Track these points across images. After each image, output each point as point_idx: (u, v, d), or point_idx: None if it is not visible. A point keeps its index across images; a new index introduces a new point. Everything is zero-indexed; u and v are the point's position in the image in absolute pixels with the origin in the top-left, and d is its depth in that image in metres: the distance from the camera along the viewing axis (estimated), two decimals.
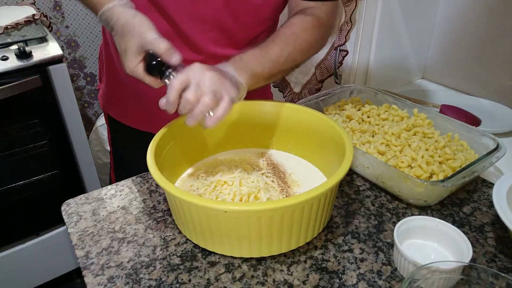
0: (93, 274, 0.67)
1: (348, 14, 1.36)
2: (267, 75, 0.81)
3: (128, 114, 1.06)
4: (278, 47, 0.81)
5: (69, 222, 0.79)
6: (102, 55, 1.08)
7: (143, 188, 0.87)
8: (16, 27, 1.59)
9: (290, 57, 0.83)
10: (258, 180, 0.77)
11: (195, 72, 0.68)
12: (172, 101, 0.67)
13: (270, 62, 0.80)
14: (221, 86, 0.68)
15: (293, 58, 0.84)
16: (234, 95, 0.70)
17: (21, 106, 1.50)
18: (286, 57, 0.82)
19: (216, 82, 0.68)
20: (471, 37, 1.37)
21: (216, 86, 0.68)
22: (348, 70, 1.46)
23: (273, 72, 0.82)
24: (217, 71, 0.70)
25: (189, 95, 0.66)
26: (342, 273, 0.67)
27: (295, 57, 0.84)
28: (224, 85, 0.69)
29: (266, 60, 0.80)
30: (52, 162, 1.67)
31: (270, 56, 0.80)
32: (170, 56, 0.69)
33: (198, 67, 0.69)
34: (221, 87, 0.68)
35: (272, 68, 0.81)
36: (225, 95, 0.68)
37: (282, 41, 0.82)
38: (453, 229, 0.67)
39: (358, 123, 0.97)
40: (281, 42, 0.82)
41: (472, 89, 1.41)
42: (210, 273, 0.67)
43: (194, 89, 0.66)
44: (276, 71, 0.82)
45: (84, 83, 2.24)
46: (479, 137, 0.88)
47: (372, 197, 0.83)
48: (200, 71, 0.68)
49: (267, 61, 0.80)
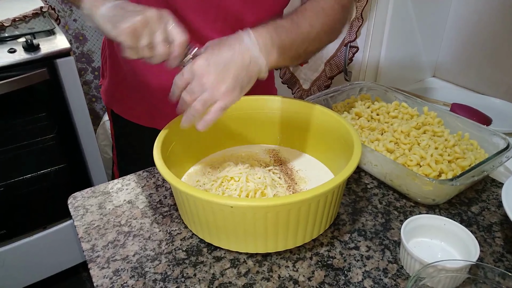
0: (99, 267, 0.67)
1: (359, 10, 1.35)
2: (294, 53, 0.76)
3: (131, 109, 1.06)
4: (309, 23, 0.77)
5: (75, 215, 0.79)
6: (105, 50, 1.08)
7: (149, 183, 0.87)
8: (23, 19, 1.59)
9: (318, 36, 0.79)
10: (265, 176, 0.76)
11: (196, 72, 0.66)
12: (176, 97, 0.69)
13: (301, 39, 0.76)
14: (215, 91, 0.66)
15: (320, 37, 0.80)
16: (228, 101, 0.67)
17: (29, 99, 1.51)
18: (315, 35, 0.78)
19: (210, 87, 0.66)
20: (483, 36, 1.36)
21: (208, 93, 0.66)
22: (358, 67, 1.46)
23: (300, 51, 0.77)
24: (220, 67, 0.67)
25: (185, 96, 0.67)
26: (348, 270, 0.66)
27: (322, 37, 0.80)
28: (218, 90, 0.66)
29: (297, 36, 0.75)
30: (60, 155, 1.67)
31: (302, 32, 0.76)
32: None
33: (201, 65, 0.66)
34: (215, 93, 0.66)
35: (301, 46, 0.76)
36: (217, 102, 0.66)
37: (311, 17, 0.78)
38: (461, 228, 0.67)
39: (367, 121, 0.96)
40: (310, 17, 0.77)
41: (483, 88, 1.39)
42: (215, 268, 0.67)
43: (188, 92, 0.67)
44: (303, 50, 0.78)
45: (92, 77, 2.25)
46: (490, 136, 0.87)
47: (380, 195, 0.83)
48: (200, 73, 0.66)
49: (299, 38, 0.75)
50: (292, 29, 0.74)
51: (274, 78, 1.17)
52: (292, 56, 0.76)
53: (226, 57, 0.67)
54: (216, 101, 0.67)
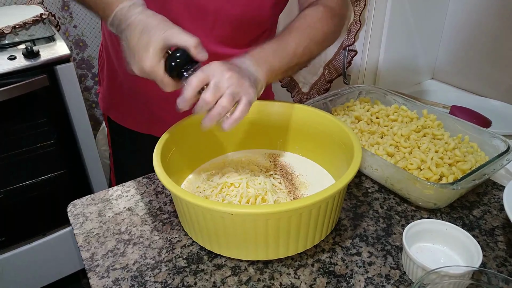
0: (98, 276, 0.67)
1: (357, 14, 1.35)
2: (284, 69, 0.79)
3: (128, 116, 1.06)
4: (295, 40, 0.80)
5: (75, 223, 0.78)
6: (102, 57, 1.07)
7: (149, 189, 0.86)
8: (24, 26, 1.59)
9: (307, 50, 0.82)
10: (265, 182, 0.76)
11: (214, 71, 0.66)
12: (188, 98, 0.65)
13: (288, 56, 0.79)
14: (239, 87, 0.66)
15: (310, 50, 0.83)
16: (252, 97, 0.68)
17: (29, 105, 1.51)
18: (303, 50, 0.81)
19: (235, 83, 0.66)
20: (481, 37, 1.36)
21: (235, 87, 0.65)
22: (357, 70, 1.45)
23: (290, 66, 0.80)
24: (236, 69, 0.68)
25: (208, 95, 0.64)
26: (350, 277, 0.66)
27: (312, 49, 0.83)
28: (242, 86, 0.66)
29: (284, 54, 0.78)
30: (59, 161, 1.67)
31: (288, 50, 0.79)
32: (199, 52, 0.67)
33: (217, 66, 0.66)
34: (240, 88, 0.66)
35: (289, 62, 0.79)
36: (243, 97, 0.66)
37: (298, 34, 0.81)
38: (463, 233, 0.66)
39: (367, 124, 0.96)
40: (297, 34, 0.81)
41: (483, 89, 1.39)
42: (216, 276, 0.66)
43: (213, 90, 0.64)
44: (293, 64, 0.81)
45: (92, 83, 2.24)
46: (490, 138, 0.87)
47: (381, 200, 0.82)
48: (220, 71, 0.66)
49: (285, 55, 0.78)
50: (277, 49, 0.78)
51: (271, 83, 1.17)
52: (284, 71, 0.80)
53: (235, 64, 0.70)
54: (242, 96, 0.66)
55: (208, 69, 0.66)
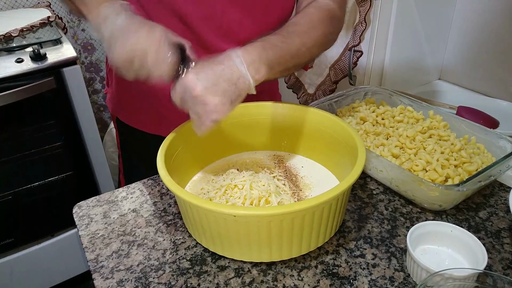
0: (103, 278, 0.67)
1: (363, 14, 1.34)
2: (283, 68, 0.78)
3: (137, 117, 1.06)
4: (300, 40, 0.79)
5: (80, 225, 0.79)
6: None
7: (154, 191, 0.86)
8: (31, 29, 1.61)
9: (309, 51, 0.81)
10: (269, 183, 0.76)
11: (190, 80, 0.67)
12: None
13: (290, 55, 0.78)
14: (203, 106, 0.67)
15: (311, 51, 0.82)
16: (220, 115, 0.68)
17: (36, 107, 1.52)
18: (305, 51, 0.80)
19: (200, 102, 0.67)
20: (489, 37, 1.35)
21: (199, 107, 0.67)
22: (363, 71, 1.45)
23: (290, 66, 0.80)
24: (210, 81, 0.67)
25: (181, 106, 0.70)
26: (354, 279, 0.65)
27: (313, 51, 0.83)
28: (208, 105, 0.67)
29: (286, 53, 0.77)
30: (67, 163, 1.68)
31: (291, 49, 0.78)
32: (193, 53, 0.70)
33: (190, 80, 0.68)
34: (203, 108, 0.67)
35: (290, 61, 0.79)
36: (210, 115, 0.68)
37: (302, 33, 0.80)
38: (468, 235, 0.66)
39: (372, 125, 0.95)
40: (301, 34, 0.80)
41: (490, 90, 1.38)
42: (219, 277, 0.66)
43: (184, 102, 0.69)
44: (293, 65, 0.80)
45: (100, 86, 2.26)
46: (497, 139, 0.86)
47: (386, 201, 0.82)
48: (191, 87, 0.67)
49: (288, 54, 0.77)
50: (281, 46, 0.76)
51: (278, 84, 1.16)
52: (282, 70, 0.78)
53: (215, 72, 0.68)
54: (208, 114, 0.67)
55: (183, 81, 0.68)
